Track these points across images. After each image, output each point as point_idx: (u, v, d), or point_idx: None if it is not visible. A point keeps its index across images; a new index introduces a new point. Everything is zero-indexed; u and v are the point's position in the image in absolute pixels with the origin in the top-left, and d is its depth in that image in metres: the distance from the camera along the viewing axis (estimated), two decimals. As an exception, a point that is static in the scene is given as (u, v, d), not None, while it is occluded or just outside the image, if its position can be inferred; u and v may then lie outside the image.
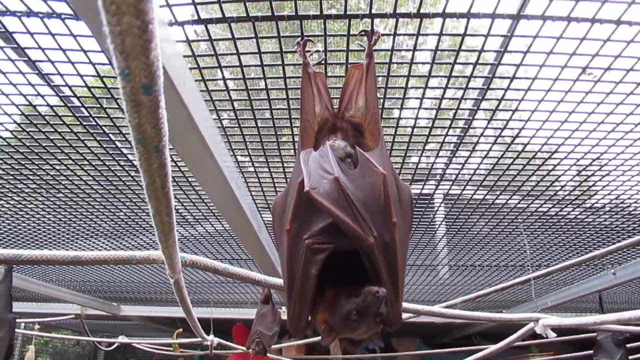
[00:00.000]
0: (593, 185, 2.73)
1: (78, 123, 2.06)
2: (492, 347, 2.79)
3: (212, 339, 3.94)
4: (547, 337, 2.32)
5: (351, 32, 1.39)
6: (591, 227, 3.30)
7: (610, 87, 1.81)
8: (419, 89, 1.82)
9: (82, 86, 1.76)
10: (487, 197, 2.88)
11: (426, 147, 2.36)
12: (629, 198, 2.88)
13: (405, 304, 1.98)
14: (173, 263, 1.26)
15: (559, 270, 3.09)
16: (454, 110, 1.98)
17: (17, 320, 6.04)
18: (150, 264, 1.47)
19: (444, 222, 3.30)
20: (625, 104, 1.93)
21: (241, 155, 2.39)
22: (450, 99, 1.97)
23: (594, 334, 3.98)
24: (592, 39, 1.54)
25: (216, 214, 3.25)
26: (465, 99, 1.93)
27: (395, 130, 2.12)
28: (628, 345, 3.85)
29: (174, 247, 1.12)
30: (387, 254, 1.07)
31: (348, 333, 1.07)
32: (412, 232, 3.20)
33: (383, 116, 2.04)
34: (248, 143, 2.22)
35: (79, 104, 1.94)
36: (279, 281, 1.61)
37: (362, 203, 1.06)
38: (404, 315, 3.56)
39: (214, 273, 1.60)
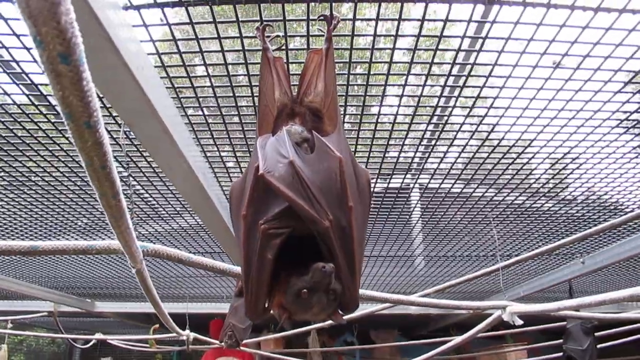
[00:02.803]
0: (566, 177, 2.79)
1: (46, 120, 2.03)
2: (463, 336, 2.82)
3: (187, 334, 3.91)
4: (515, 324, 2.36)
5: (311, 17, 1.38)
6: (562, 218, 3.37)
7: (580, 84, 1.88)
8: (396, 85, 1.84)
9: (46, 84, 1.74)
10: (459, 188, 2.92)
11: (401, 141, 2.39)
12: (599, 190, 2.95)
13: (373, 292, 1.99)
14: (131, 251, 1.24)
15: (528, 259, 3.14)
16: (429, 104, 2.01)
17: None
18: (111, 254, 1.45)
19: (419, 213, 3.33)
20: (595, 101, 2.01)
21: (212, 151, 2.38)
22: (425, 93, 1.99)
23: (565, 322, 4.08)
24: (570, 25, 1.57)
25: (188, 209, 3.23)
26: (442, 95, 1.96)
27: (360, 123, 2.12)
28: (596, 334, 3.95)
29: (129, 234, 1.10)
30: (344, 237, 1.07)
31: (302, 313, 1.06)
32: (372, 216, 3.23)
33: (363, 112, 2.06)
34: (216, 138, 2.21)
35: (48, 102, 1.90)
36: (243, 270, 1.60)
37: (317, 187, 1.06)
38: (379, 307, 3.60)
39: (178, 263, 1.58)
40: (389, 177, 2.77)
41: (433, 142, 2.43)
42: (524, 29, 1.58)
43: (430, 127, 2.32)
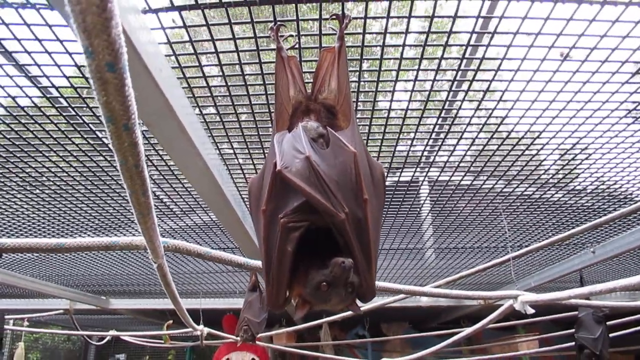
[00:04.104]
0: (575, 168, 2.80)
1: (64, 121, 2.08)
2: (474, 327, 2.85)
3: (202, 329, 3.97)
4: (527, 313, 2.38)
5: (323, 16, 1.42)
6: (572, 208, 3.38)
7: (588, 75, 1.90)
8: (405, 78, 1.86)
9: (66, 86, 1.80)
10: (469, 180, 2.95)
11: (410, 135, 2.41)
12: (608, 179, 2.96)
13: (387, 284, 2.03)
14: (154, 247, 1.29)
15: (538, 249, 3.16)
16: (438, 98, 2.03)
17: (5, 317, 6.04)
18: (133, 250, 1.50)
19: (429, 206, 3.36)
20: (603, 92, 2.03)
21: (226, 148, 2.42)
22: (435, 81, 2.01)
23: (576, 312, 4.09)
24: (577, 19, 1.60)
25: (203, 206, 3.28)
26: (454, 79, 1.98)
27: (372, 118, 2.15)
28: (608, 323, 3.97)
29: (154, 230, 1.15)
30: (359, 229, 1.11)
31: (321, 304, 1.11)
32: (385, 209, 3.26)
33: (370, 106, 2.08)
34: (230, 136, 2.26)
35: (64, 101, 1.96)
36: (260, 264, 1.64)
37: (333, 181, 1.10)
38: (391, 299, 3.64)
39: (197, 257, 1.63)
40: (400, 171, 2.80)
41: (442, 135, 2.46)
42: (532, 23, 1.60)
43: (440, 121, 2.34)
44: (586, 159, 2.67)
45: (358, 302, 1.20)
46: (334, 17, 1.34)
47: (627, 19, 1.57)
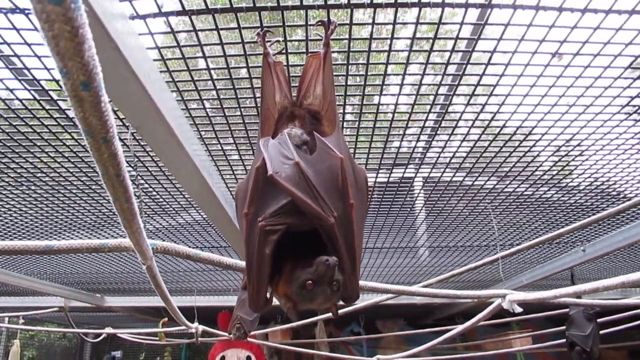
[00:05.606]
0: (567, 164, 2.81)
1: (54, 121, 2.09)
2: (465, 324, 2.88)
3: (196, 327, 3.99)
4: (514, 312, 2.41)
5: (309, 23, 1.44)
6: (564, 206, 3.41)
7: (580, 70, 1.89)
8: (398, 75, 1.87)
9: (56, 89, 1.81)
10: (461, 178, 2.96)
11: (406, 132, 2.41)
12: (596, 179, 2.97)
13: (375, 284, 2.05)
14: (142, 250, 1.31)
15: (528, 248, 3.19)
16: (432, 95, 2.04)
17: (0, 314, 6.04)
18: (122, 252, 1.52)
19: (422, 204, 3.38)
20: (595, 87, 2.02)
21: (214, 150, 2.44)
22: (429, 84, 2.03)
23: (568, 309, 4.13)
24: (560, 26, 1.61)
25: (194, 205, 3.29)
26: (444, 84, 1.99)
27: (361, 113, 2.17)
28: (599, 320, 4.01)
29: (140, 234, 1.17)
30: (346, 232, 1.13)
31: (307, 303, 1.13)
32: (376, 208, 3.29)
33: (364, 102, 2.09)
34: (220, 137, 2.27)
35: (54, 103, 1.97)
36: (248, 265, 1.66)
37: (321, 186, 1.12)
38: (384, 297, 3.66)
39: (186, 259, 1.65)
40: (391, 168, 2.81)
41: (435, 132, 2.46)
42: (523, 15, 1.59)
43: (433, 117, 2.34)
44: (579, 155, 2.65)
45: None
46: (319, 23, 1.36)
47: (622, 8, 1.56)
